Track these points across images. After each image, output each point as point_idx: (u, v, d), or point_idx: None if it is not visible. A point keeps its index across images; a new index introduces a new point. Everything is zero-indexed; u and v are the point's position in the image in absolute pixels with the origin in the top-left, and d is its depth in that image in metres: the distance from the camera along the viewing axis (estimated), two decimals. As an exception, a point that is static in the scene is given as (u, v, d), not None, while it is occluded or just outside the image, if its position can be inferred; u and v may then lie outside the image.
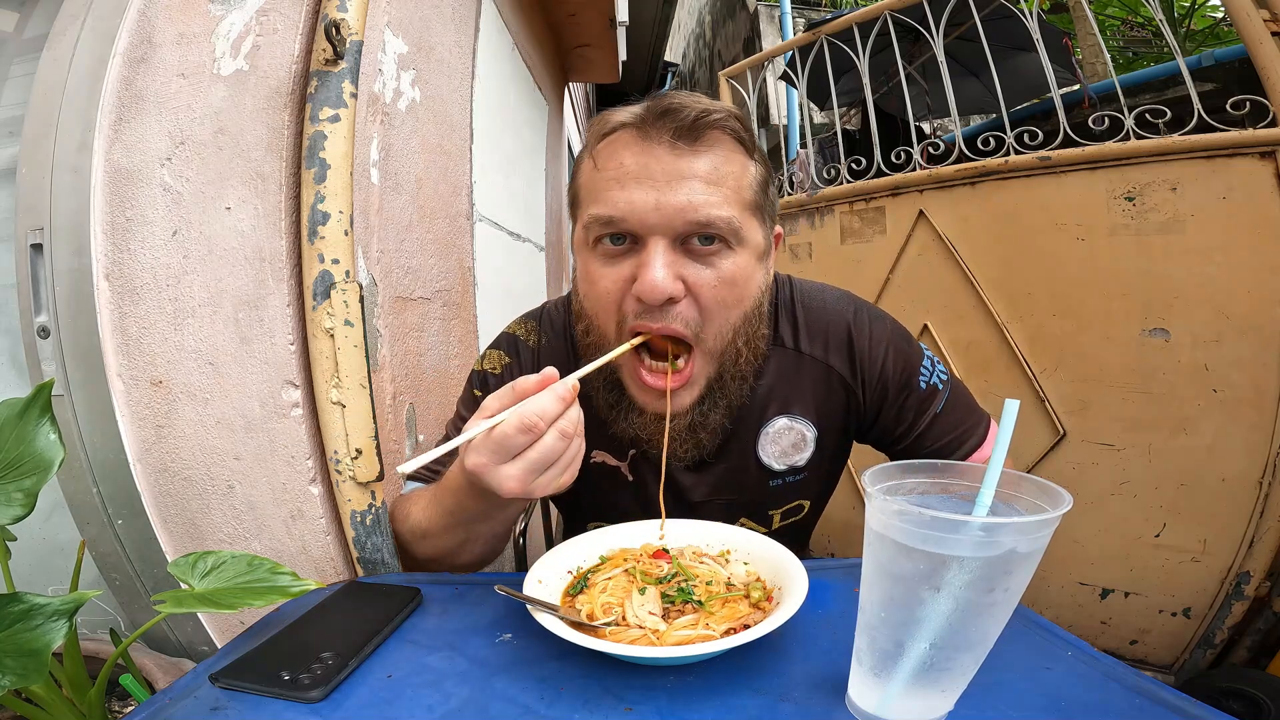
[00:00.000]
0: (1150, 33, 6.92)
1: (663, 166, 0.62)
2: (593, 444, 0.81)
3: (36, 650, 0.50)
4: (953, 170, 1.84)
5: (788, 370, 0.80)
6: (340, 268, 0.83)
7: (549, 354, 0.84)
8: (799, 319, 0.82)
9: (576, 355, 0.82)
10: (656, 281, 0.62)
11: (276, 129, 0.85)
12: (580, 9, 2.49)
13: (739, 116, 0.66)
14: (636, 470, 0.83)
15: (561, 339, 0.85)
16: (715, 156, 0.64)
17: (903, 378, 0.81)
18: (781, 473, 0.82)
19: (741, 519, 0.85)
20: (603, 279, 0.67)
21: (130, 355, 0.85)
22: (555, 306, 0.88)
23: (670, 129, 0.62)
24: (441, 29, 1.25)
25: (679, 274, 0.64)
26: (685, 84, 10.02)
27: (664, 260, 0.63)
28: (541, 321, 0.86)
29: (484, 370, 0.86)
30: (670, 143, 0.62)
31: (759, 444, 0.81)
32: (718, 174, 0.64)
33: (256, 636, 0.60)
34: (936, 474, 0.47)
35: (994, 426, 0.85)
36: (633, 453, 0.82)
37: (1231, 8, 1.45)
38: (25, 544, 0.70)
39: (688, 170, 0.62)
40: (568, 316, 0.84)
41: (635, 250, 0.65)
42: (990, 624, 0.42)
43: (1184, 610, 1.58)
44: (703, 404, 0.71)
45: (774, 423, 0.80)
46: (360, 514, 0.86)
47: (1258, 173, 1.40)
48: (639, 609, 0.57)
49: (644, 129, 0.63)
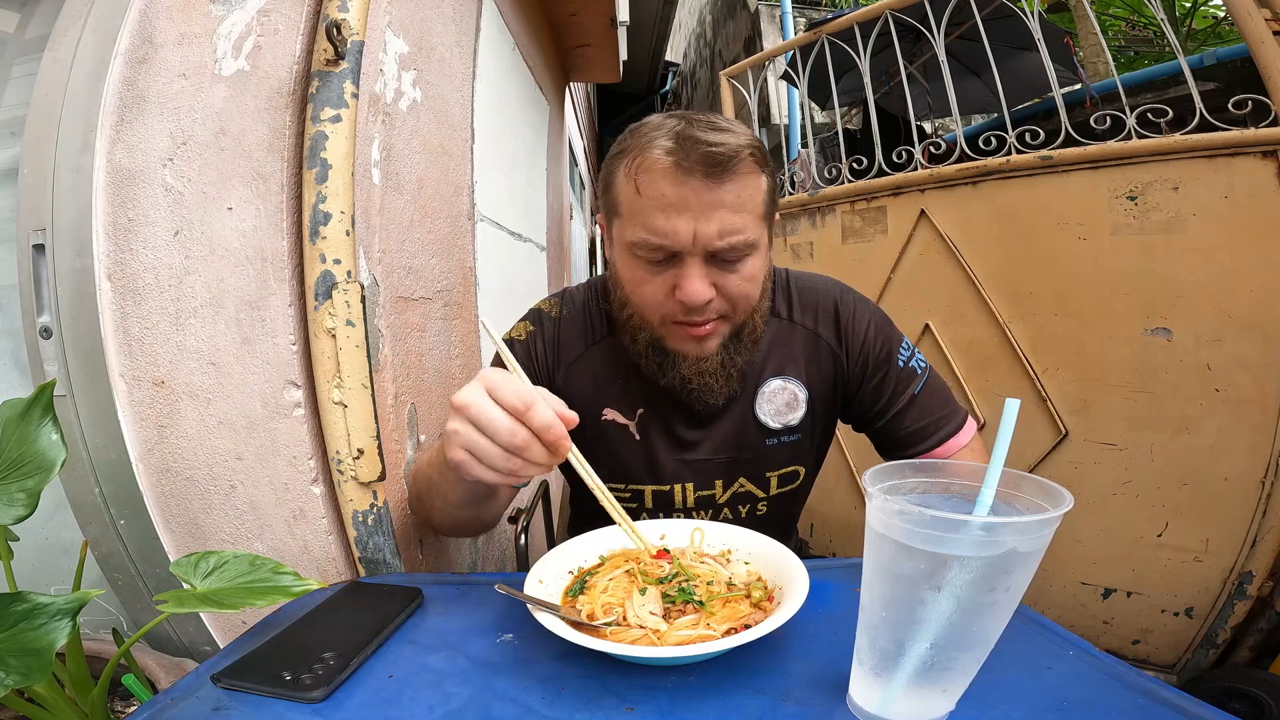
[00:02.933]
0: (1152, 32, 6.91)
1: (698, 198, 0.73)
2: (605, 402, 0.91)
3: (39, 650, 0.50)
4: (954, 170, 1.84)
5: (782, 337, 0.93)
6: (342, 268, 0.83)
7: (569, 324, 0.94)
8: (793, 295, 0.95)
9: (592, 326, 0.93)
10: (698, 292, 0.75)
11: (278, 129, 0.85)
12: (581, 9, 2.49)
13: (757, 144, 0.76)
14: (644, 429, 0.91)
15: (581, 313, 0.95)
16: (738, 185, 0.74)
17: (883, 352, 0.92)
18: (777, 431, 0.92)
19: (741, 478, 0.93)
20: (647, 284, 0.80)
21: (132, 355, 0.85)
22: (576, 289, 0.99)
23: (703, 168, 0.72)
24: (442, 29, 1.25)
25: (712, 281, 0.77)
26: (686, 84, 10.01)
27: (700, 274, 0.76)
28: (564, 298, 0.97)
29: (510, 337, 0.95)
30: (704, 177, 0.72)
31: (756, 403, 0.91)
32: (740, 201, 0.75)
33: (258, 636, 0.61)
34: (937, 474, 0.47)
35: (970, 423, 0.93)
36: (640, 411, 0.91)
37: (1233, 7, 1.45)
38: (28, 544, 0.70)
39: (717, 201, 0.73)
40: (588, 295, 0.96)
41: (674, 263, 0.77)
42: (991, 623, 0.42)
43: (1186, 610, 1.58)
44: (727, 348, 0.84)
45: (770, 383, 0.91)
46: (362, 514, 0.86)
47: (1260, 172, 1.40)
48: (640, 609, 0.57)
49: (681, 164, 0.72)
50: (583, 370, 0.92)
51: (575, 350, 0.92)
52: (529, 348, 0.92)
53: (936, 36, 1.93)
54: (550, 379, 0.92)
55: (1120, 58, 6.72)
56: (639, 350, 0.85)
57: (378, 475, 0.85)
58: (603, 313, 0.93)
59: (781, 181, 2.41)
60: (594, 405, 0.90)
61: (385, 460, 0.87)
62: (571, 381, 0.92)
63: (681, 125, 0.74)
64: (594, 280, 0.98)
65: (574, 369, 0.92)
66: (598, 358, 0.92)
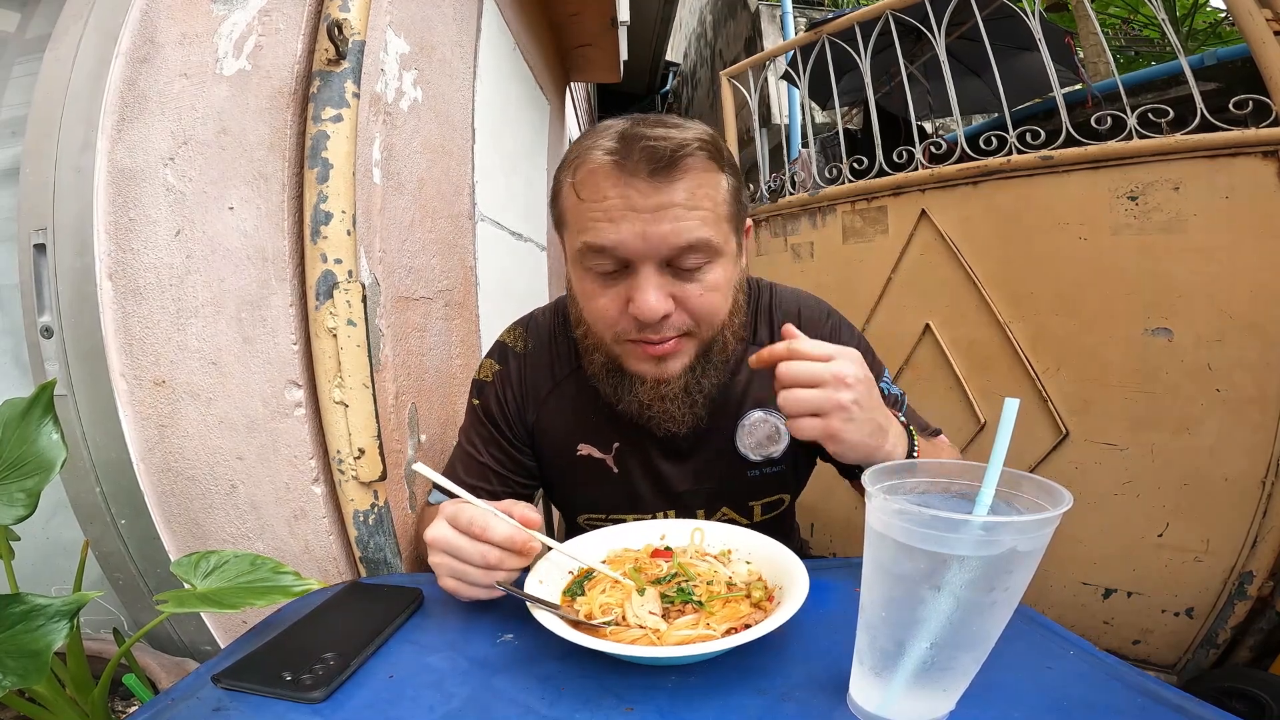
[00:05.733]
0: (1146, 34, 6.90)
1: (644, 199, 0.67)
2: (579, 436, 0.87)
3: (38, 651, 0.50)
4: (955, 170, 1.84)
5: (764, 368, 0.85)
6: (343, 267, 0.83)
7: (533, 359, 0.89)
8: (775, 319, 0.89)
9: (559, 357, 0.88)
10: (651, 304, 0.68)
11: (279, 129, 0.86)
12: (581, 8, 2.49)
13: (710, 138, 0.70)
14: (622, 463, 0.87)
15: (548, 345, 0.89)
16: (690, 182, 0.68)
17: None
18: (758, 464, 0.87)
19: (723, 508, 0.90)
20: (599, 298, 0.73)
21: (133, 355, 0.85)
22: (543, 313, 0.93)
23: (647, 165, 0.66)
24: (443, 29, 1.26)
25: (669, 292, 0.70)
26: (686, 83, 10.01)
27: (654, 284, 0.69)
28: (529, 328, 0.92)
29: (479, 379, 0.91)
30: (648, 176, 0.66)
31: (736, 435, 0.86)
32: (694, 198, 0.68)
33: (259, 637, 0.61)
34: (937, 474, 0.47)
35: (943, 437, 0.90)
36: (617, 445, 0.86)
37: (1234, 7, 1.45)
38: (29, 544, 0.70)
39: (666, 200, 0.67)
40: (554, 321, 0.90)
41: (626, 273, 0.71)
42: (991, 623, 0.42)
43: (1187, 610, 1.58)
44: (693, 370, 0.77)
45: (750, 415, 0.86)
46: (363, 514, 0.86)
47: (1260, 172, 1.40)
48: (639, 609, 0.57)
49: (622, 164, 0.67)
50: (554, 407, 0.88)
51: (544, 386, 0.88)
52: (496, 390, 0.88)
53: (937, 36, 1.93)
54: (522, 419, 0.88)
55: (1120, 58, 6.72)
56: (595, 373, 0.80)
57: (379, 475, 0.85)
58: (570, 340, 0.87)
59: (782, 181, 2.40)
60: (569, 440, 0.87)
61: (386, 460, 0.87)
62: (544, 419, 0.88)
63: (626, 125, 0.69)
64: (559, 302, 0.91)
65: (545, 406, 0.88)
66: (569, 391, 0.87)
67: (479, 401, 0.89)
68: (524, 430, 0.89)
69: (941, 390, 1.94)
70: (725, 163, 0.72)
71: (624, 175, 0.67)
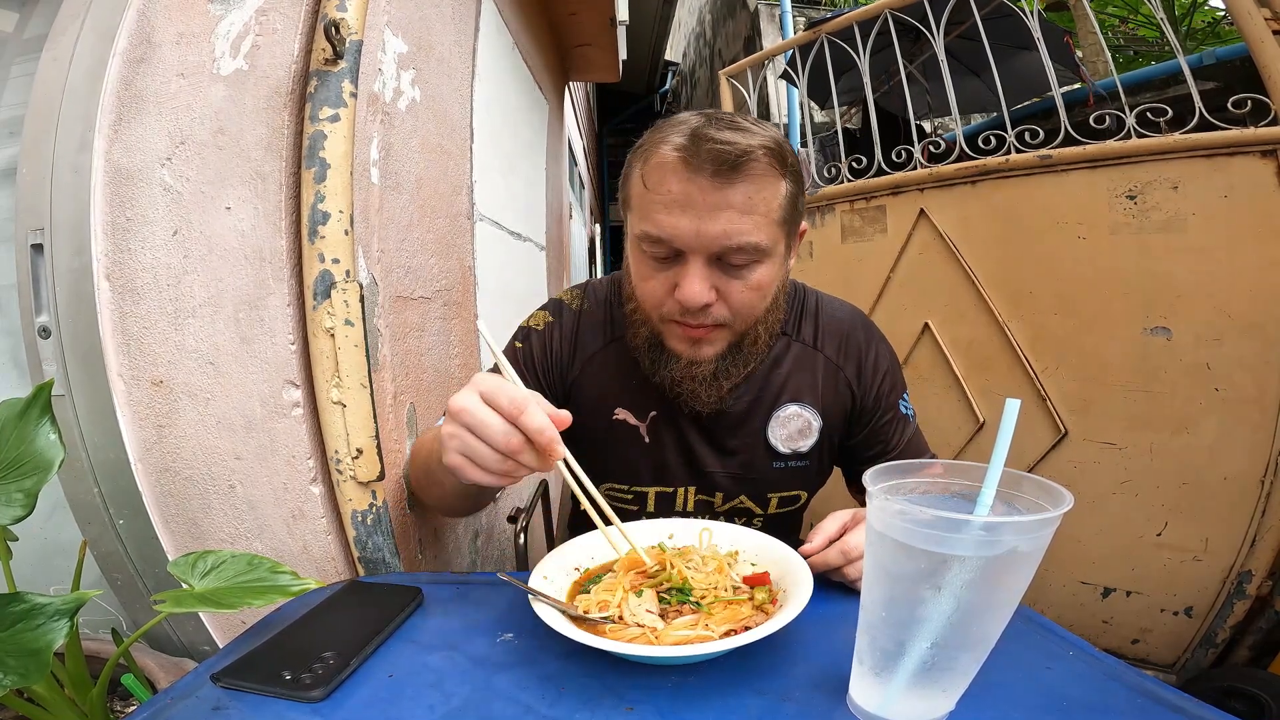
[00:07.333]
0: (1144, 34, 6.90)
1: (704, 197, 0.70)
2: (618, 400, 0.90)
3: (38, 650, 0.50)
4: (953, 169, 1.84)
5: (805, 363, 0.92)
6: (340, 267, 0.83)
7: (589, 318, 0.93)
8: (820, 323, 0.94)
9: (612, 321, 0.92)
10: (695, 293, 0.73)
11: (276, 128, 0.85)
12: (580, 8, 2.49)
13: (775, 145, 0.72)
14: (655, 433, 0.90)
15: (602, 308, 0.94)
16: (749, 187, 0.71)
17: (891, 396, 0.94)
18: (786, 456, 0.91)
19: (742, 495, 0.93)
20: (650, 279, 0.79)
21: (131, 355, 0.85)
22: (600, 282, 0.98)
23: (711, 165, 0.69)
24: (441, 28, 1.25)
25: (713, 285, 0.75)
26: (685, 83, 10.00)
27: (700, 275, 0.74)
28: (586, 291, 0.97)
29: (528, 326, 0.95)
30: (710, 176, 0.70)
31: (770, 425, 0.90)
32: (751, 203, 0.71)
33: (258, 636, 0.60)
34: (937, 474, 0.47)
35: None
36: (653, 414, 0.90)
37: (1232, 6, 1.45)
38: (26, 544, 0.70)
39: (724, 201, 0.71)
40: (609, 290, 0.95)
41: (677, 261, 0.75)
42: (991, 623, 0.42)
43: (1185, 609, 1.58)
44: (724, 359, 0.82)
45: (786, 408, 0.90)
46: (361, 514, 0.86)
47: (1259, 171, 1.40)
48: (636, 608, 0.57)
49: (688, 161, 0.70)
50: (598, 367, 0.91)
51: (593, 346, 0.91)
52: (545, 339, 0.91)
53: (936, 36, 1.93)
54: (564, 373, 0.91)
55: (1119, 57, 6.72)
56: (638, 345, 0.85)
57: (377, 475, 0.85)
58: (621, 311, 0.92)
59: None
60: (606, 403, 0.90)
61: (384, 460, 0.87)
62: (586, 377, 0.91)
63: (700, 123, 0.72)
64: (616, 275, 0.97)
65: (590, 365, 0.91)
66: (614, 355, 0.90)
67: (521, 345, 0.92)
68: (561, 385, 0.92)
69: (940, 389, 1.94)
70: (788, 169, 0.75)
71: (688, 172, 0.70)
